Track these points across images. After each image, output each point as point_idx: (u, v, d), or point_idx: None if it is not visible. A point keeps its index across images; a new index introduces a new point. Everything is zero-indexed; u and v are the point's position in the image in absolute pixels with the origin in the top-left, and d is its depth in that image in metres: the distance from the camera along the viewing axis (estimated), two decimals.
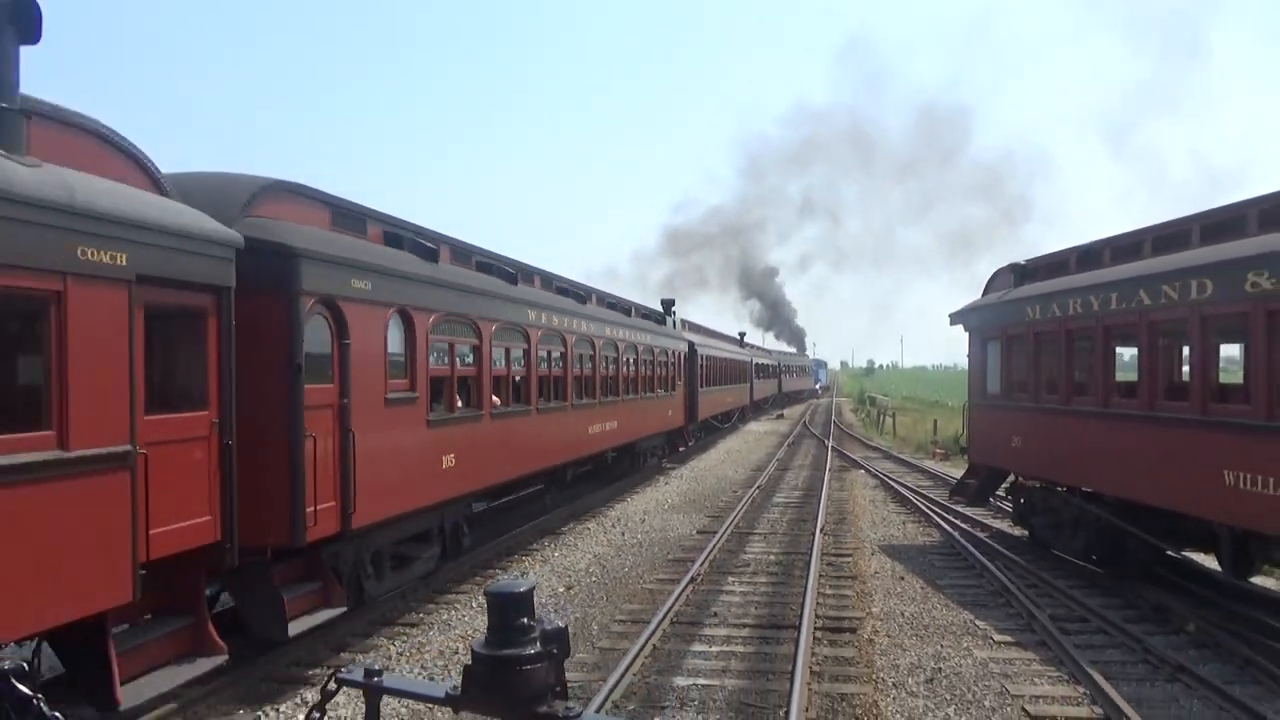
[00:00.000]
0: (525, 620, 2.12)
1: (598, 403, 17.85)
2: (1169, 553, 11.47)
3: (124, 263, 5.98)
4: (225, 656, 7.06)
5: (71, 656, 6.26)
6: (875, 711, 7.48)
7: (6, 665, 2.30)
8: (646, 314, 24.59)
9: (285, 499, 7.80)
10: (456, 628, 10.05)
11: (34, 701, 2.30)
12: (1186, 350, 9.56)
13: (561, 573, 12.73)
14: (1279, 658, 8.40)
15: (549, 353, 15.07)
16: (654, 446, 24.71)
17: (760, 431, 43.05)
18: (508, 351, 13.30)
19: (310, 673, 8.46)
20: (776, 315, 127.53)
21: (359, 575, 9.47)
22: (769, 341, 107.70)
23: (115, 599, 5.92)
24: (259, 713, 7.41)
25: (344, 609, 8.75)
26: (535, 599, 2.19)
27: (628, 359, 20.46)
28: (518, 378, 13.95)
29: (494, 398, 12.63)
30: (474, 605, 10.94)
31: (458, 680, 2.18)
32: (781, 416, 57.17)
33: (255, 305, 7.46)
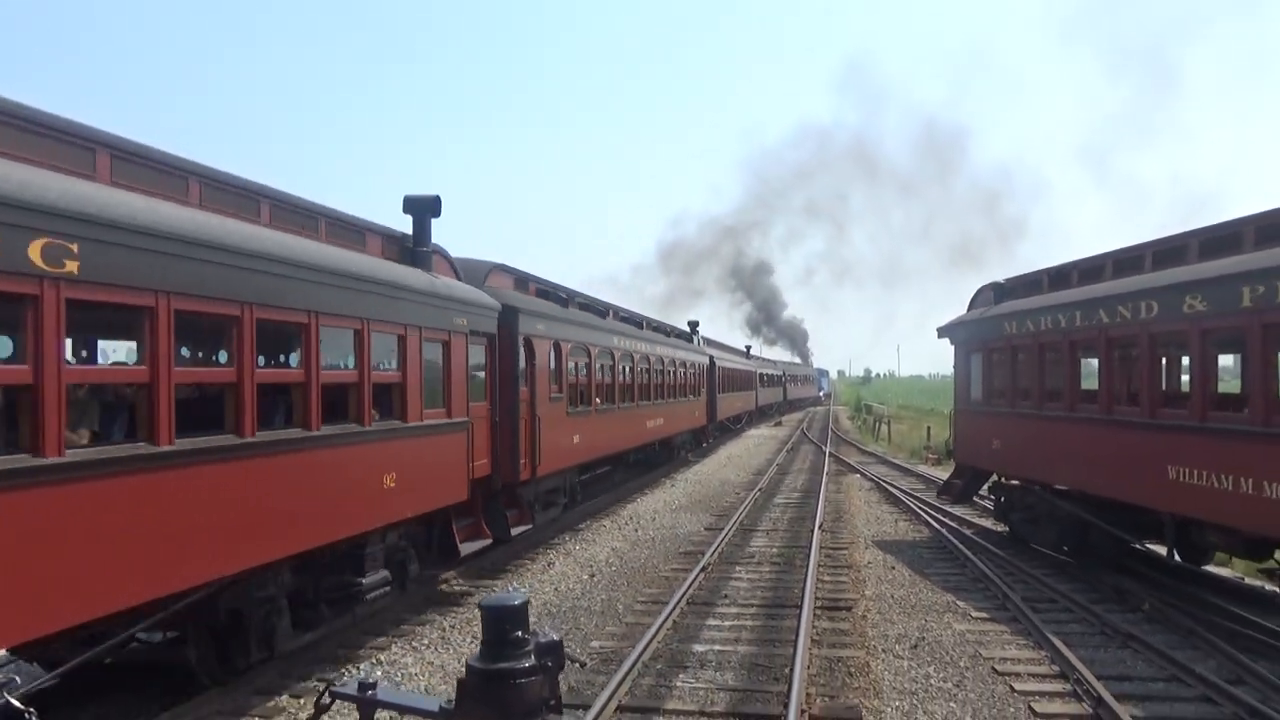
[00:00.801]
0: (520, 633, 2.16)
1: (651, 404, 23.08)
2: (1134, 545, 12.80)
3: (465, 324, 11.27)
4: (489, 540, 12.04)
5: (434, 533, 11.21)
6: (867, 670, 8.79)
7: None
8: (679, 334, 30.06)
9: (509, 454, 13.06)
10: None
11: (26, 717, 2.37)
12: (1139, 362, 10.86)
13: (584, 563, 14.03)
14: (1217, 629, 9.75)
15: (624, 367, 20.22)
16: (684, 441, 30.29)
17: (760, 438, 44.37)
18: (603, 366, 18.49)
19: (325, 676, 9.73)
20: (769, 316, 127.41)
21: (534, 508, 14.39)
22: (776, 351, 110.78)
23: (460, 497, 11.18)
24: None
25: (530, 526, 13.80)
26: (530, 613, 2.24)
27: (670, 370, 25.71)
28: (608, 384, 18.99)
29: (595, 399, 17.75)
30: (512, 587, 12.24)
31: (452, 694, 2.21)
32: (779, 424, 58.49)
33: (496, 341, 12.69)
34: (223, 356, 7.75)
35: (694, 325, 33.75)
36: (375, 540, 9.51)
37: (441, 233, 14.72)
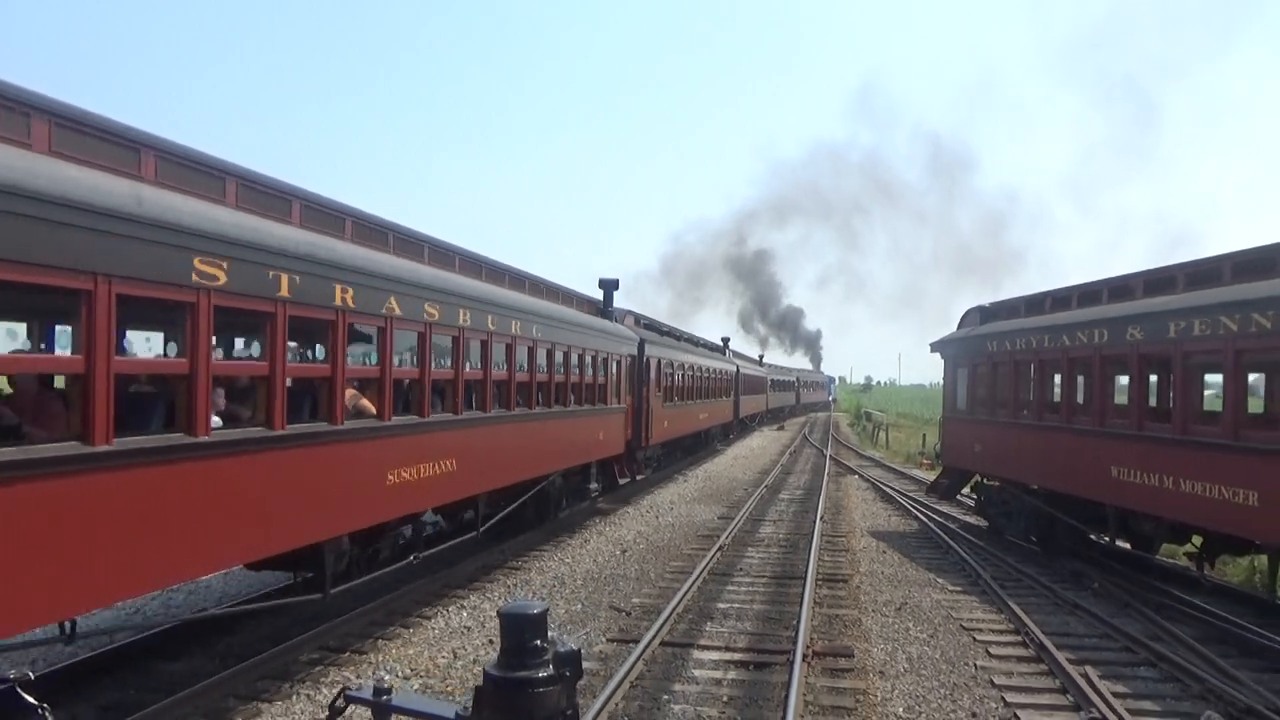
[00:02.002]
0: (538, 642, 2.11)
1: (700, 402, 31.33)
2: (1092, 537, 14.84)
3: (623, 350, 19.60)
4: (629, 479, 21.34)
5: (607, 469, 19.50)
6: (859, 624, 10.86)
7: (13, 675, 2.38)
8: (716, 348, 39.86)
9: (638, 430, 21.16)
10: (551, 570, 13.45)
11: (39, 711, 2.35)
12: (1093, 379, 12.93)
13: (615, 542, 16.10)
14: (1150, 602, 11.80)
15: (689, 374, 28.79)
16: (716, 433, 38.38)
17: (761, 444, 46.42)
18: (680, 375, 26.96)
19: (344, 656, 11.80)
20: (764, 312, 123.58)
21: (642, 468, 22.61)
22: (783, 357, 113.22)
23: (621, 450, 19.77)
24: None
25: (645, 475, 23.03)
26: (549, 620, 2.19)
27: (713, 378, 34.13)
28: (681, 387, 27.35)
29: (674, 397, 25.87)
30: (556, 558, 14.33)
31: (468, 701, 2.19)
32: (782, 429, 60.55)
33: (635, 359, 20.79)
34: (536, 372, 13.97)
35: (726, 341, 44.76)
36: (594, 465, 18.10)
37: (451, 229, 17.59)
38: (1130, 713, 7.85)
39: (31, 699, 2.38)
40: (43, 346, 8.53)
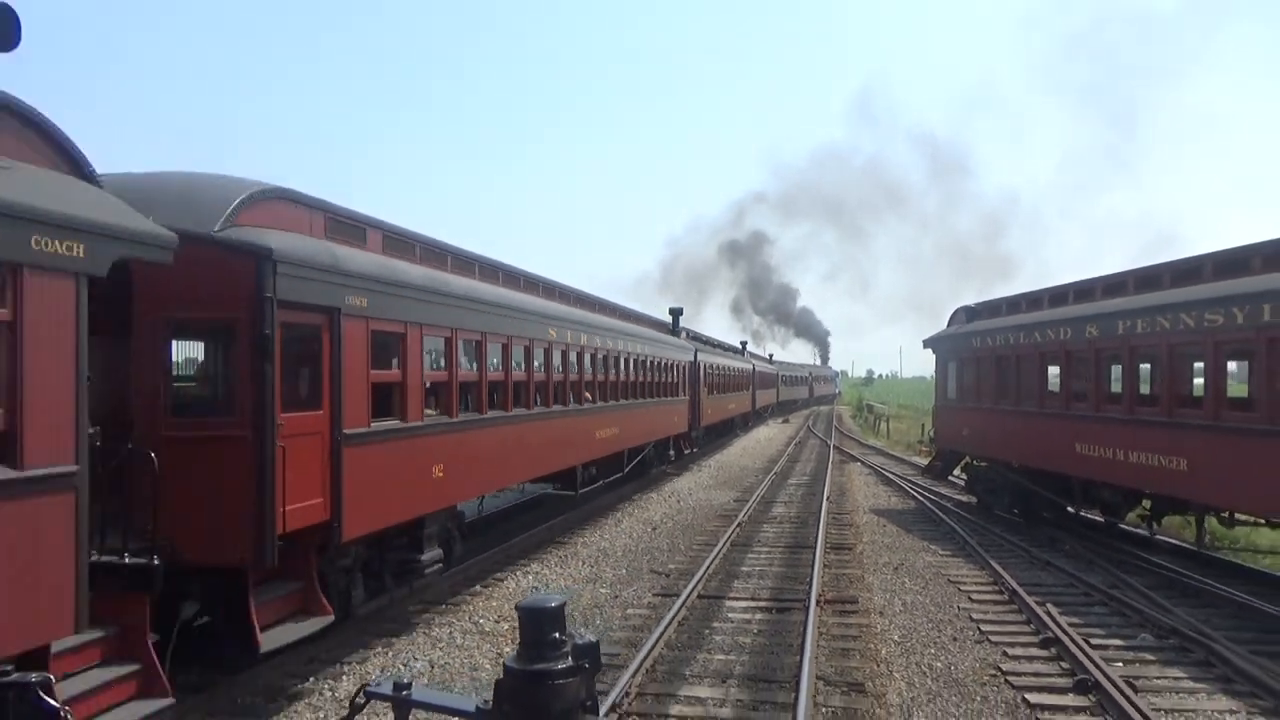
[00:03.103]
0: (557, 635, 2.16)
1: (730, 394, 39.68)
2: (1067, 509, 16.84)
3: (684, 358, 27.85)
4: (688, 451, 29.61)
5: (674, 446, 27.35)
6: (862, 580, 12.88)
7: (34, 679, 2.40)
8: (734, 349, 48.12)
9: (695, 415, 29.19)
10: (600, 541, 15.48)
11: (61, 714, 2.37)
12: (1061, 370, 14.95)
13: (645, 522, 18.13)
14: (1111, 559, 13.82)
15: (728, 373, 38.02)
16: (739, 418, 45.64)
17: (769, 435, 48.46)
18: (716, 374, 34.74)
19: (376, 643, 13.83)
20: (759, 292, 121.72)
21: (696, 444, 30.65)
22: (785, 350, 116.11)
23: (685, 429, 27.94)
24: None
25: (697, 449, 31.15)
26: (566, 613, 2.24)
27: (737, 374, 42.14)
28: (717, 383, 35.06)
29: (714, 390, 33.91)
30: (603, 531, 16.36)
31: (488, 694, 2.22)
32: (786, 421, 62.58)
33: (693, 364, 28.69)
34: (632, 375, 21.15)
35: (744, 344, 54.33)
36: (669, 440, 25.73)
37: (462, 232, 20.60)
38: (1081, 636, 9.86)
39: (55, 702, 2.34)
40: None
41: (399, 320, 9.55)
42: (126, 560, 6.05)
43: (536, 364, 14.47)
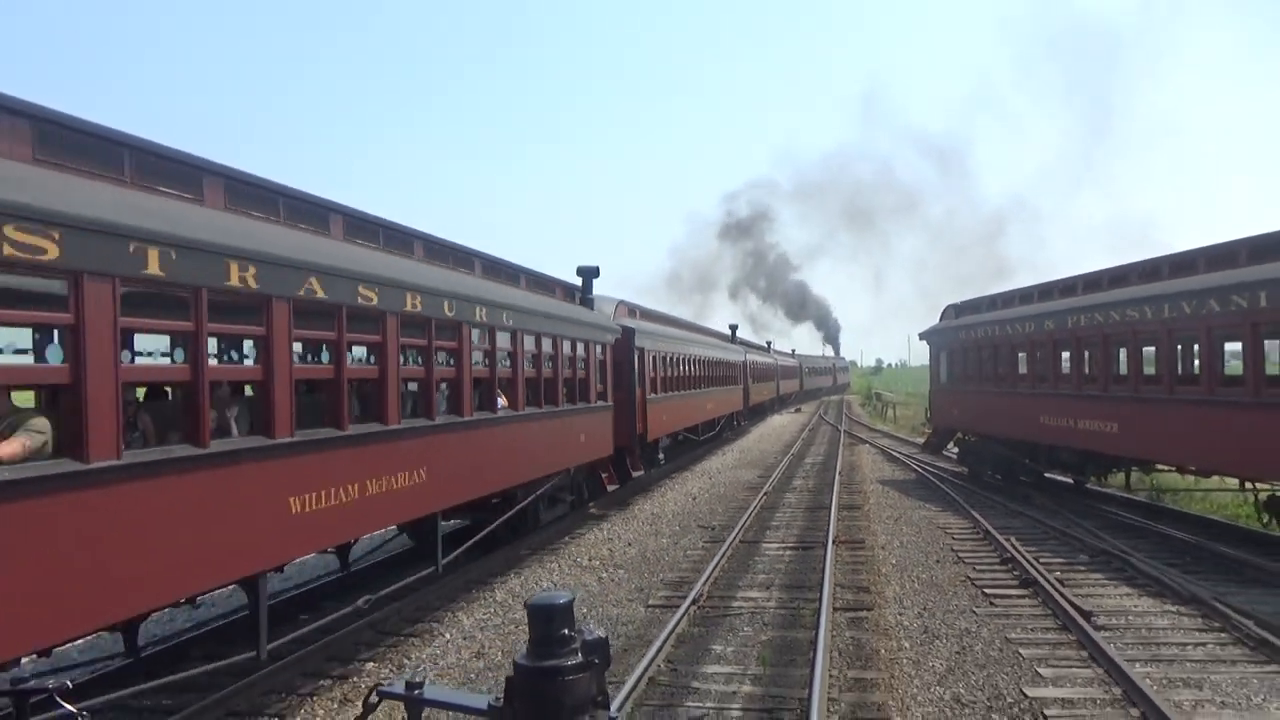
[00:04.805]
0: (566, 631, 2.17)
1: (741, 387, 39.79)
2: (1045, 474, 20.05)
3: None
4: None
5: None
6: (869, 527, 16.15)
7: (51, 684, 2.46)
8: (760, 347, 56.14)
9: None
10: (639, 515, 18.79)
11: (78, 718, 2.43)
12: (1029, 357, 18.18)
13: (685, 494, 21.42)
14: (1072, 510, 17.05)
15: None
16: (769, 404, 53.67)
17: (782, 423, 51.70)
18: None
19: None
20: (759, 265, 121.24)
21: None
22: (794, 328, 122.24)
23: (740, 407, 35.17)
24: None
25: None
26: (575, 610, 2.24)
27: (756, 367, 45.64)
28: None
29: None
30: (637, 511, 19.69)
31: (499, 692, 2.24)
32: (799, 410, 65.80)
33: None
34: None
35: (769, 343, 64.35)
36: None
37: (472, 233, 21.77)
38: (1032, 557, 13.10)
39: (71, 707, 2.46)
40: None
41: None
42: None
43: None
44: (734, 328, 58.82)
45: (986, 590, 11.46)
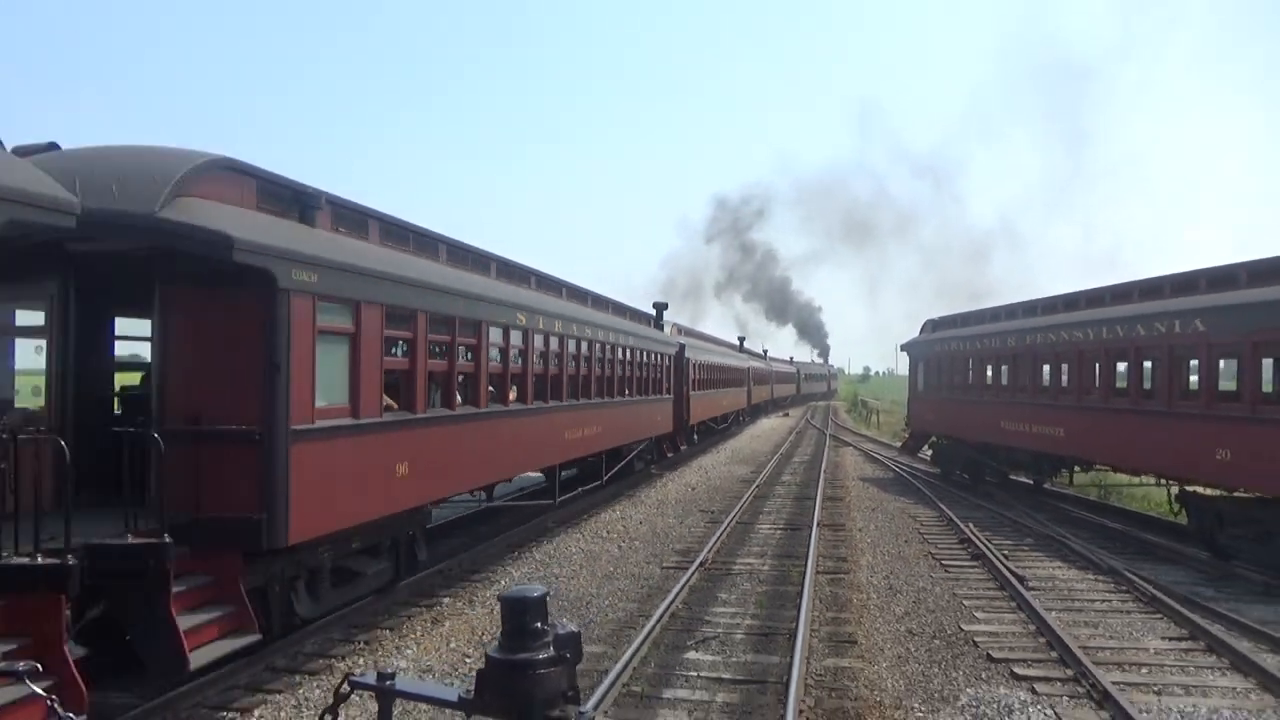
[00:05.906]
0: (539, 625, 2.17)
1: (745, 389, 46.90)
2: (1009, 475, 22.40)
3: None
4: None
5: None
6: (849, 515, 18.47)
7: (21, 668, 2.48)
8: (757, 354, 60.83)
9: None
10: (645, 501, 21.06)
11: (48, 702, 2.45)
12: (995, 369, 20.54)
13: (684, 485, 23.69)
14: (1029, 505, 19.41)
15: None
16: (765, 404, 59.33)
17: (771, 425, 54.06)
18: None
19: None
20: (747, 256, 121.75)
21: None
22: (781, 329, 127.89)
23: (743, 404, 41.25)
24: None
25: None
26: (549, 604, 2.24)
27: (755, 373, 51.05)
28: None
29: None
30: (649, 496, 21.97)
31: (470, 684, 2.25)
32: (786, 415, 68.21)
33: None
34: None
35: (765, 351, 67.78)
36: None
37: (472, 233, 24.95)
38: (985, 538, 15.42)
39: (39, 689, 2.48)
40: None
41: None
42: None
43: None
44: (742, 339, 62.37)
45: (944, 562, 13.79)
